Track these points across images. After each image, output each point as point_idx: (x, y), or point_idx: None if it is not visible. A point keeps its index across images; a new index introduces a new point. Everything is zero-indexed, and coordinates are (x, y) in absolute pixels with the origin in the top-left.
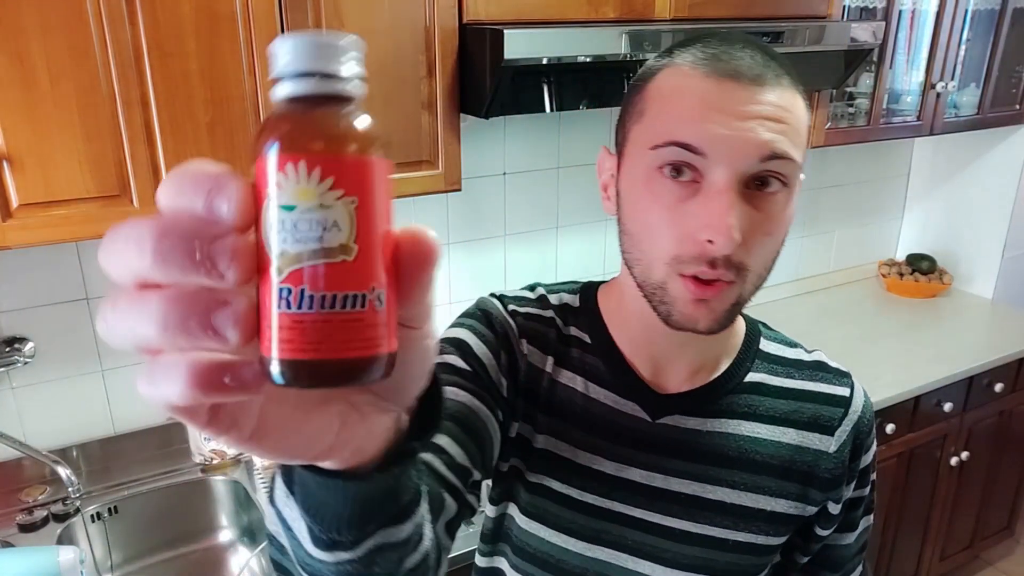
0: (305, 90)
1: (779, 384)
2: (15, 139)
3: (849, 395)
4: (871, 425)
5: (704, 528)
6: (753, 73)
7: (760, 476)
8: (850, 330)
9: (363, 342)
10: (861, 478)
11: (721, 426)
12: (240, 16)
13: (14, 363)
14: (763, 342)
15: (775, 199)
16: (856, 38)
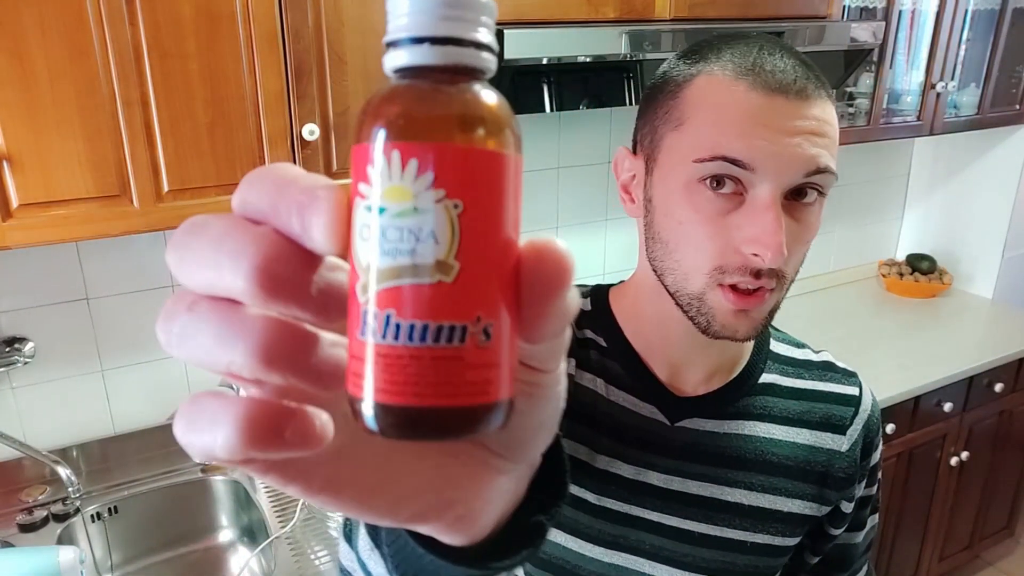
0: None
1: (790, 385)
2: (15, 139)
3: (859, 394)
4: (879, 423)
5: (722, 530)
6: (798, 87)
7: (776, 477)
8: (850, 330)
9: (463, 387)
10: (871, 476)
11: (738, 428)
12: (240, 16)
13: (14, 363)
14: (773, 343)
15: (811, 209)
16: (856, 38)
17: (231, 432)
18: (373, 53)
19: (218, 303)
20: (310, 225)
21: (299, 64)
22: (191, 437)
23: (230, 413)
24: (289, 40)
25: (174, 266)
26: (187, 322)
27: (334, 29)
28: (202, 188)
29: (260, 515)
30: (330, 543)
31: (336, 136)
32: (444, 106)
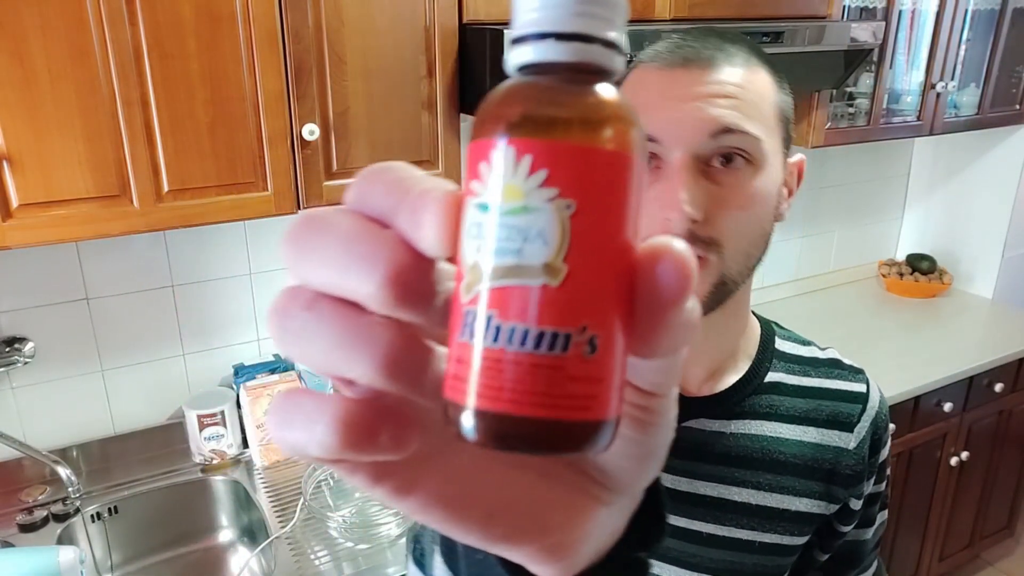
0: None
1: (797, 383)
2: (15, 139)
3: (866, 391)
4: (887, 420)
5: (730, 531)
6: (702, 57)
7: (784, 476)
8: (850, 330)
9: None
10: (880, 473)
11: (744, 427)
12: (240, 16)
13: (14, 363)
14: (778, 341)
15: (740, 174)
16: (856, 38)
17: (328, 432)
18: (373, 53)
19: (340, 305)
20: (421, 223)
21: (299, 64)
22: (285, 433)
23: (327, 412)
24: (289, 40)
25: (292, 260)
26: (306, 321)
27: (334, 29)
28: (202, 188)
29: (260, 515)
30: (330, 543)
31: (336, 136)
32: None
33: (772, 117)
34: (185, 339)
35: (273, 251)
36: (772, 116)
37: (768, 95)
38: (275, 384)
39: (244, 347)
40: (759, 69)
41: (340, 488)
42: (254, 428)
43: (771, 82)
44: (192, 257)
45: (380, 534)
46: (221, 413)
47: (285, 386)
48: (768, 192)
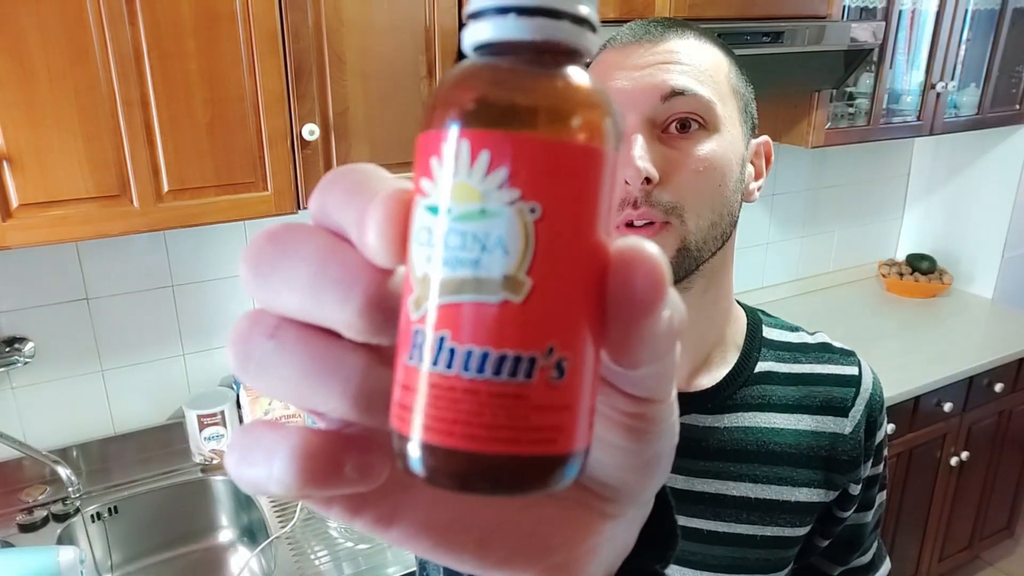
0: (518, 34)
1: (787, 371)
2: (15, 139)
3: (858, 373)
4: (882, 401)
5: (731, 526)
6: (653, 34)
7: (781, 467)
8: (850, 330)
9: (526, 432)
10: (876, 455)
11: (737, 420)
12: (240, 16)
13: (14, 363)
14: (766, 330)
15: (695, 137)
16: (856, 38)
17: (286, 467)
18: (373, 53)
19: (309, 333)
20: (366, 228)
21: (299, 64)
22: (243, 471)
23: (286, 446)
24: (289, 40)
25: (253, 282)
26: (270, 351)
27: (334, 29)
28: (202, 188)
29: (260, 515)
30: (330, 543)
31: (336, 136)
32: (529, 91)
33: (726, 87)
34: (185, 339)
35: None
36: (726, 86)
37: (721, 67)
38: None
39: None
40: (711, 46)
41: None
42: None
43: (725, 59)
44: (192, 257)
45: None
46: (221, 413)
47: None
48: (726, 157)
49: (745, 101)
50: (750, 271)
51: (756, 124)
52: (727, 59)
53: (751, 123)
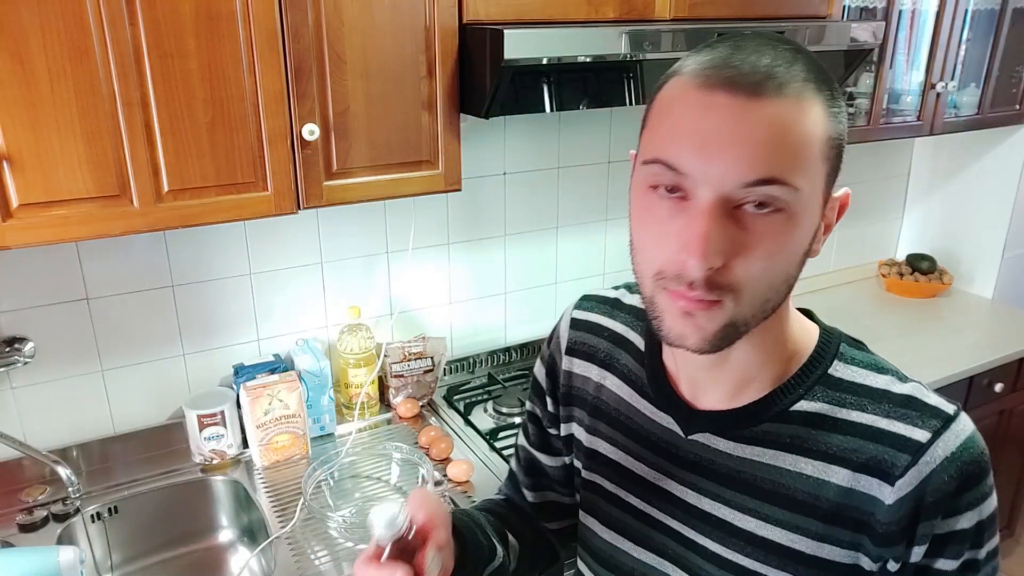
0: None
1: (842, 417)
2: (15, 139)
3: (927, 441)
4: (959, 483)
5: (734, 555)
6: (750, 81)
7: (799, 516)
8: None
9: None
10: (939, 546)
11: (754, 454)
12: (240, 16)
13: (14, 363)
14: (837, 366)
15: (771, 222)
16: (856, 38)
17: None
18: (373, 53)
19: None
20: None
21: (299, 64)
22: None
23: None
24: (289, 40)
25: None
26: None
27: (334, 29)
28: (202, 188)
29: (260, 515)
30: (330, 543)
31: (336, 136)
32: None
33: (819, 157)
34: (185, 339)
35: (273, 251)
36: (819, 156)
37: (819, 131)
38: (275, 384)
39: (244, 347)
40: (814, 99)
41: (340, 488)
42: (254, 428)
43: (824, 112)
44: (192, 257)
45: None
46: (221, 413)
47: (285, 386)
48: (800, 241)
49: (837, 154)
50: None
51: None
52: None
53: (836, 173)
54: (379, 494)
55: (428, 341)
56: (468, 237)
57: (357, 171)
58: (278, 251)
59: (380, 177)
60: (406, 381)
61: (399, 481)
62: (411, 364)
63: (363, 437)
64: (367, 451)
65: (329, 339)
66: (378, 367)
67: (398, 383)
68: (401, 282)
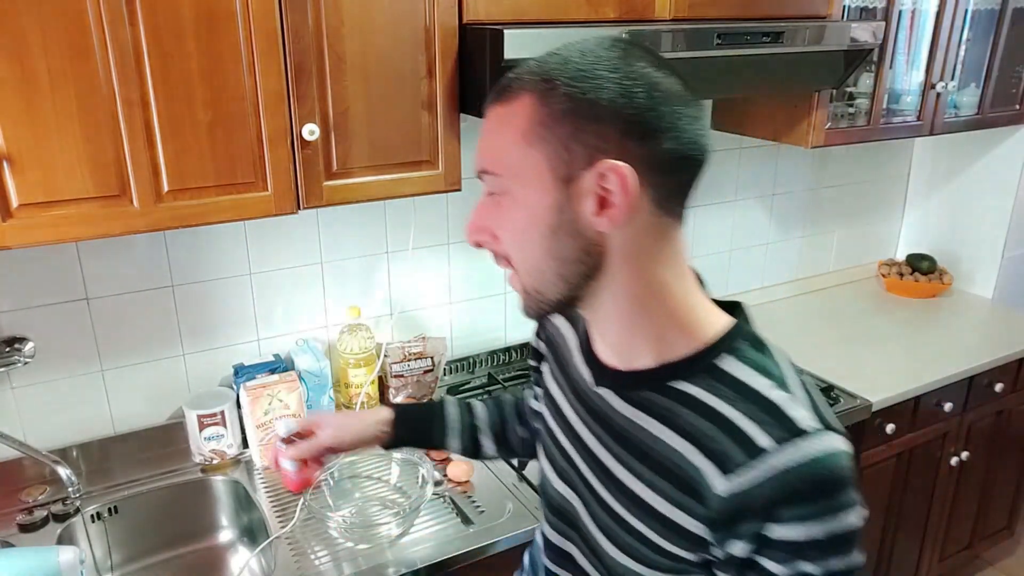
0: None
1: (711, 404)
2: (15, 139)
3: (767, 447)
4: (787, 495)
5: (615, 505)
6: (493, 92)
7: (663, 480)
8: (850, 330)
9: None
10: (763, 546)
11: (636, 416)
12: (240, 16)
13: (14, 363)
14: (726, 360)
15: (500, 202)
16: (856, 38)
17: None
18: (373, 53)
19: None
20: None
21: (299, 64)
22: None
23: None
24: (289, 40)
25: None
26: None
27: (334, 29)
28: (202, 188)
29: (260, 515)
30: (330, 543)
31: (336, 136)
32: None
33: (522, 144)
34: (185, 339)
35: (273, 251)
36: (522, 143)
37: (520, 121)
38: (275, 384)
39: (244, 347)
40: (523, 93)
41: (340, 488)
42: (254, 428)
43: (532, 101)
44: (192, 257)
45: (380, 534)
46: (221, 413)
47: (285, 386)
48: (533, 217)
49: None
50: (750, 271)
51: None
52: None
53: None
54: (379, 494)
55: (428, 341)
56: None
57: (357, 171)
58: (278, 251)
59: (380, 177)
60: (406, 381)
61: (399, 481)
62: (411, 364)
63: None
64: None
65: (329, 339)
66: (378, 367)
67: (398, 383)
68: (401, 282)
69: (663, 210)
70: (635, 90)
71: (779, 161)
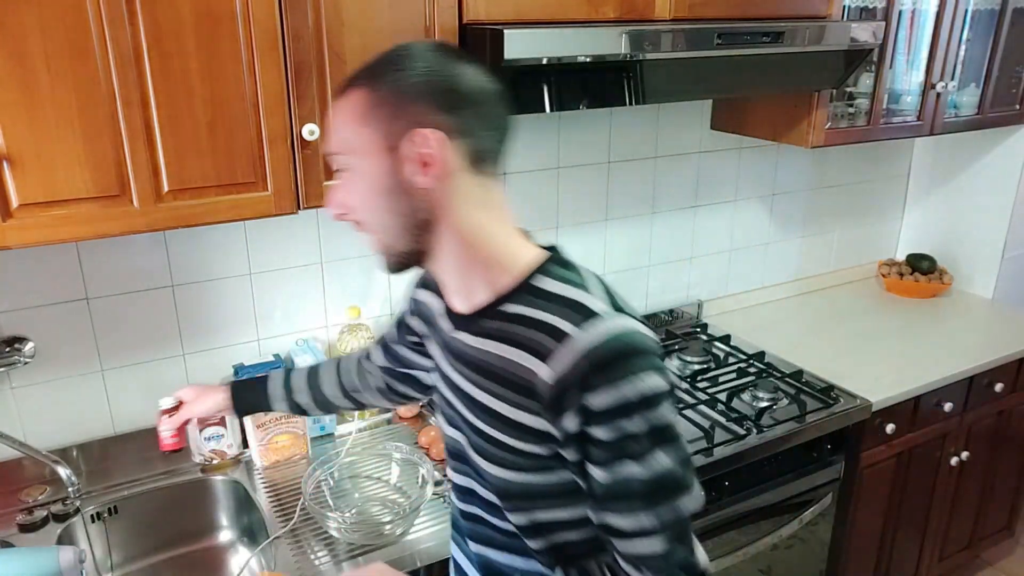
0: None
1: (531, 315)
2: (15, 139)
3: (571, 332)
4: (593, 365)
5: (477, 422)
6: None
7: (506, 389)
8: (850, 330)
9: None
10: (587, 416)
11: (482, 344)
12: (240, 16)
13: (14, 363)
14: (541, 280)
15: (349, 179)
16: (856, 38)
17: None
18: (373, 53)
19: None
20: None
21: (299, 64)
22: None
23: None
24: (289, 40)
25: None
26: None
27: (334, 29)
28: (202, 188)
29: (260, 515)
30: (330, 543)
31: None
32: None
33: (357, 124)
34: (185, 339)
35: (273, 251)
36: (357, 124)
37: (357, 106)
38: None
39: (244, 347)
40: (354, 90)
41: (340, 488)
42: (254, 428)
43: (361, 95)
44: (192, 257)
45: (380, 534)
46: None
47: None
48: (368, 185)
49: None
50: (750, 271)
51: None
52: (362, 89)
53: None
54: (379, 494)
55: None
56: None
57: None
58: (278, 251)
59: None
60: None
61: (399, 481)
62: None
63: (363, 437)
64: (367, 451)
65: (329, 339)
66: None
67: None
68: (401, 282)
69: (476, 168)
70: (443, 75)
71: (779, 161)
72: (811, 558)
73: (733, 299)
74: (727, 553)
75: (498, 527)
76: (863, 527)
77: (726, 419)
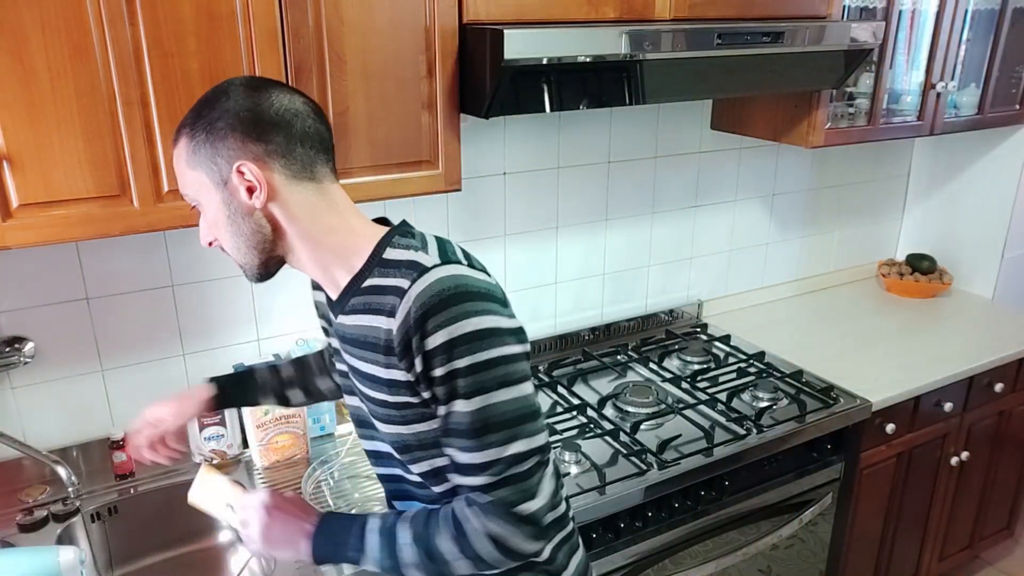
0: None
1: (383, 282)
2: (15, 139)
3: (407, 287)
4: (423, 312)
5: (365, 388)
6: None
7: (375, 353)
8: (850, 330)
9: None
10: (428, 358)
11: (352, 320)
12: (240, 16)
13: (14, 363)
14: (388, 251)
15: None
16: (856, 38)
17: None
18: (373, 53)
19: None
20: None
21: (299, 64)
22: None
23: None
24: (289, 40)
25: None
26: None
27: (334, 29)
28: None
29: None
30: None
31: (336, 136)
32: None
33: (188, 168)
34: (185, 339)
35: None
36: (188, 168)
37: (184, 153)
38: None
39: (244, 347)
40: (181, 135)
41: (340, 488)
42: (254, 428)
43: (183, 145)
44: (192, 257)
45: None
46: (221, 413)
47: None
48: (214, 216)
49: (209, 155)
50: (750, 271)
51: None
52: (184, 140)
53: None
54: (379, 494)
55: None
56: (468, 237)
57: (357, 171)
58: None
59: (380, 177)
60: None
61: None
62: None
63: None
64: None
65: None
66: None
67: None
68: None
69: (300, 179)
70: (248, 109)
71: (779, 161)
72: (811, 558)
73: (733, 299)
74: (727, 553)
75: (414, 481)
76: (863, 527)
77: (726, 419)
